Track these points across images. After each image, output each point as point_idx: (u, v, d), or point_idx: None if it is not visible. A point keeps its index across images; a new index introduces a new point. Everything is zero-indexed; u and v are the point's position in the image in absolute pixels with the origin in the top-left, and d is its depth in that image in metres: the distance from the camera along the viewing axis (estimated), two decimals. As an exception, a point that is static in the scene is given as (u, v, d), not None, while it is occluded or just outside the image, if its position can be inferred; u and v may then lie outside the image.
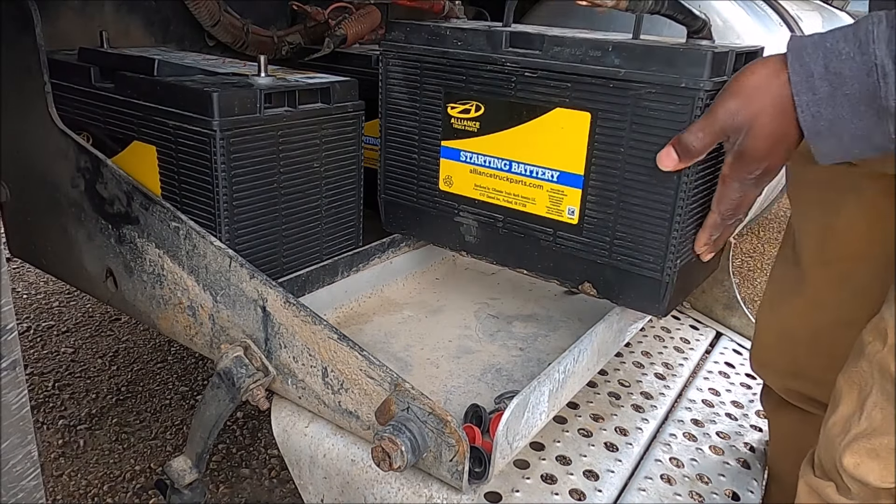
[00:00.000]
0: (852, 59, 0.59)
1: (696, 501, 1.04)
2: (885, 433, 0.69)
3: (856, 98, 0.60)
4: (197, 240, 0.82)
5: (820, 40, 0.62)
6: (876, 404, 0.70)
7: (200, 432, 0.83)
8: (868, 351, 0.73)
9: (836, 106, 0.61)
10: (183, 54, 1.06)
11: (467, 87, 0.92)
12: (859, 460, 0.70)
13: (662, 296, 0.85)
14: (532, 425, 0.72)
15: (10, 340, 0.54)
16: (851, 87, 0.60)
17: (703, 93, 0.75)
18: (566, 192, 0.88)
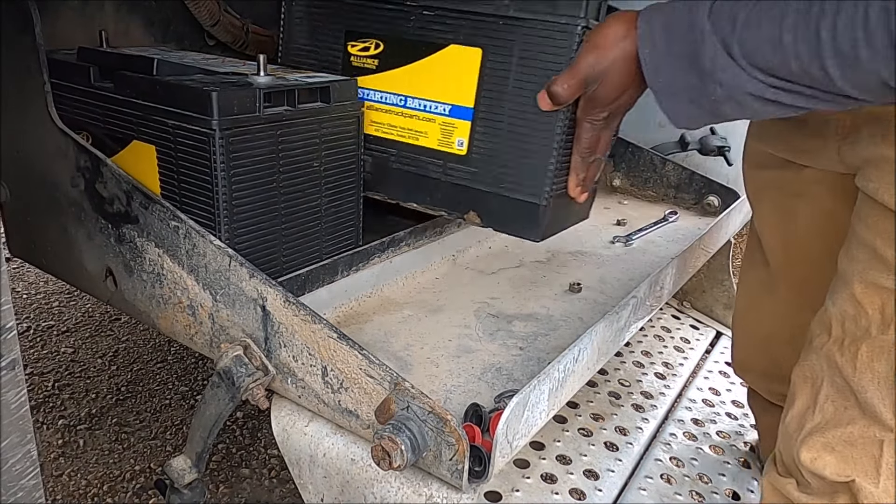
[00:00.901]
0: (682, 20, 0.65)
1: (696, 501, 1.04)
2: (837, 425, 0.69)
3: (683, 56, 0.65)
4: (196, 239, 0.82)
5: (665, 5, 0.68)
6: (828, 397, 0.70)
7: (200, 432, 0.83)
8: (815, 344, 0.74)
9: (671, 62, 0.67)
10: (182, 54, 1.06)
11: (368, 25, 0.97)
12: (815, 454, 0.70)
13: (541, 221, 0.92)
14: (532, 424, 0.72)
15: (10, 340, 0.54)
16: (680, 45, 0.65)
17: (580, 28, 0.82)
18: (456, 125, 0.94)
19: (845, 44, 0.54)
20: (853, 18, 0.53)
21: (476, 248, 1.28)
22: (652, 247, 1.37)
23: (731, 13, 0.62)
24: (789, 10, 0.58)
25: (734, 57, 0.62)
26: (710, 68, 0.64)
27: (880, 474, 0.66)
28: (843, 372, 0.68)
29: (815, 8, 0.56)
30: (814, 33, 0.56)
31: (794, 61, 0.58)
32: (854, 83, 0.57)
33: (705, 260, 1.31)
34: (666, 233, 1.44)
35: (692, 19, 0.64)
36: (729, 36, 0.62)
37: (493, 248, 1.30)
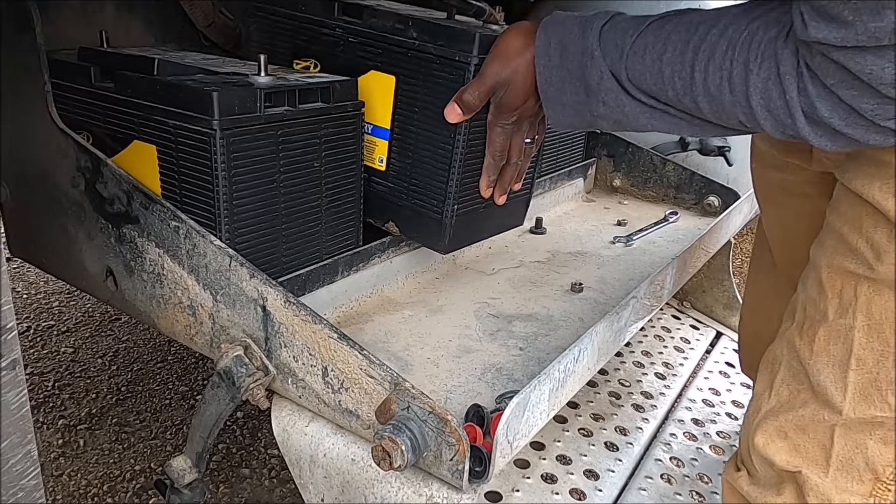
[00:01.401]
0: (575, 40, 0.72)
1: (696, 501, 1.04)
2: (791, 409, 0.69)
3: (573, 72, 0.73)
4: (197, 239, 0.82)
5: (564, 18, 0.75)
6: (783, 381, 0.71)
7: (200, 432, 0.83)
8: (782, 329, 0.74)
9: (562, 76, 0.74)
10: (183, 54, 1.06)
11: (308, 47, 1.05)
12: (768, 439, 0.70)
13: (444, 235, 1.00)
14: (532, 425, 0.72)
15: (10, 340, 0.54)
16: (571, 62, 0.73)
17: (472, 66, 0.89)
18: (377, 143, 1.03)
19: (713, 85, 0.64)
20: (721, 67, 0.62)
21: (476, 248, 1.28)
22: (652, 247, 1.37)
23: (618, 41, 0.70)
24: (668, 46, 0.66)
25: (620, 81, 0.70)
26: (596, 88, 0.72)
27: (830, 465, 0.66)
28: (800, 355, 0.68)
29: (690, 49, 0.65)
30: (688, 72, 0.65)
31: (671, 91, 0.67)
32: (718, 118, 0.66)
33: (705, 260, 1.31)
34: (666, 233, 1.44)
35: (584, 43, 0.72)
36: (616, 63, 0.70)
37: (493, 249, 1.30)
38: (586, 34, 0.72)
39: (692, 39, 0.65)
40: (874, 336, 0.63)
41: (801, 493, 0.67)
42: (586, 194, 1.65)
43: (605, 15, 0.73)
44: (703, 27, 0.65)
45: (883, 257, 0.61)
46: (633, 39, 0.69)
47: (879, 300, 0.62)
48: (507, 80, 0.84)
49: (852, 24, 0.52)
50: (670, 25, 0.67)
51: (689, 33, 0.65)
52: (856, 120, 0.57)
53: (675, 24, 0.67)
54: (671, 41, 0.66)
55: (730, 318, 1.58)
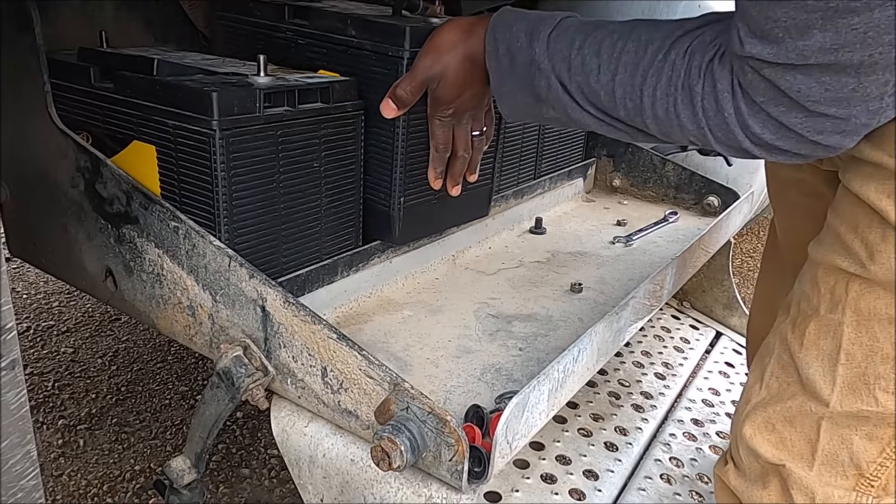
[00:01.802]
0: (522, 50, 0.74)
1: (696, 501, 1.04)
2: (779, 401, 0.69)
3: (522, 80, 0.74)
4: (196, 239, 0.82)
5: (511, 22, 0.76)
6: (773, 373, 0.71)
7: (200, 432, 0.83)
8: (776, 323, 0.75)
9: (513, 81, 0.76)
10: (183, 54, 1.06)
11: (267, 48, 1.05)
12: (756, 430, 0.70)
13: (394, 227, 1.03)
14: (532, 425, 0.72)
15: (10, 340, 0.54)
16: (519, 70, 0.74)
17: (405, 59, 0.92)
18: None
19: (661, 110, 0.66)
20: (667, 93, 0.65)
21: (476, 248, 1.28)
22: (652, 247, 1.37)
23: (566, 55, 0.71)
24: (619, 66, 0.68)
25: (570, 94, 0.72)
26: (545, 96, 0.74)
27: (815, 459, 0.66)
28: (791, 348, 0.69)
29: (639, 73, 0.66)
30: (638, 95, 0.67)
31: (623, 111, 0.69)
32: (668, 136, 0.68)
33: (705, 260, 1.31)
34: (666, 233, 1.44)
35: (531, 53, 0.73)
36: (565, 76, 0.71)
37: (493, 249, 1.30)
38: (533, 44, 0.73)
39: (641, 63, 0.66)
40: (863, 331, 0.63)
41: (785, 487, 0.68)
42: (586, 194, 1.65)
43: (553, 19, 0.74)
44: (651, 49, 0.66)
45: (875, 257, 0.62)
46: (580, 54, 0.70)
47: (869, 297, 0.63)
48: (439, 75, 0.85)
49: (783, 41, 0.55)
50: (621, 44, 0.68)
51: (638, 55, 0.67)
52: (786, 133, 0.59)
53: (626, 42, 0.68)
54: (622, 62, 0.68)
55: (730, 319, 1.58)
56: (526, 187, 1.41)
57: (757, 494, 0.70)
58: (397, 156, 0.98)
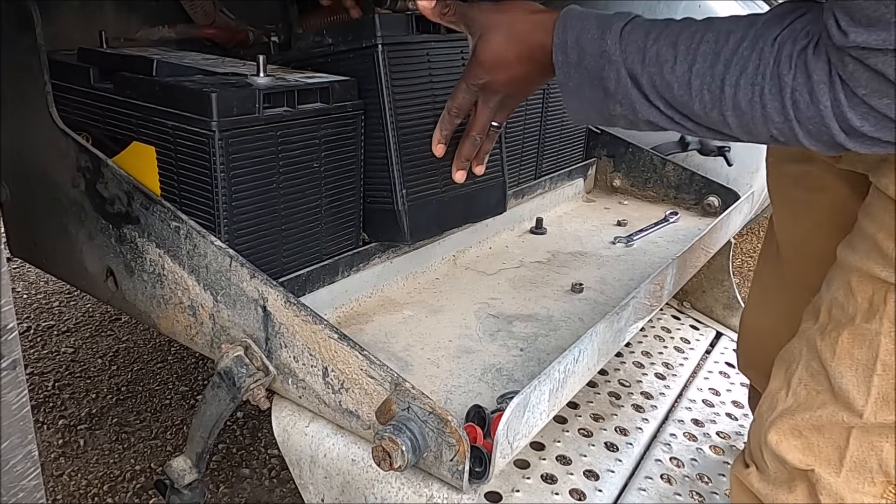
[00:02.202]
0: (594, 41, 0.70)
1: (696, 501, 1.04)
2: (808, 409, 0.69)
3: (591, 72, 0.71)
4: (197, 239, 0.82)
5: (583, 16, 0.73)
6: (801, 380, 0.71)
7: (200, 432, 0.83)
8: (802, 328, 0.74)
9: (581, 74, 0.72)
10: (182, 54, 1.06)
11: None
12: (782, 437, 0.70)
13: (401, 225, 1.01)
14: (532, 425, 0.72)
15: (10, 340, 0.54)
16: (589, 63, 0.71)
17: (380, 48, 0.95)
18: None
19: (744, 101, 0.61)
20: (753, 82, 0.61)
21: (476, 248, 1.28)
22: (652, 247, 1.37)
23: (640, 46, 0.68)
24: (698, 57, 0.64)
25: (641, 87, 0.68)
26: (614, 90, 0.70)
27: (843, 465, 0.66)
28: (822, 356, 0.68)
29: (721, 62, 0.63)
30: (718, 85, 0.63)
31: (699, 104, 0.65)
32: (747, 132, 0.64)
33: (705, 260, 1.31)
34: (666, 233, 1.44)
35: (602, 45, 0.70)
36: (638, 68, 0.68)
37: (493, 249, 1.30)
38: (605, 35, 0.70)
39: (723, 52, 0.63)
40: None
41: (813, 492, 0.68)
42: (586, 194, 1.65)
43: (626, 16, 0.71)
44: (734, 38, 0.63)
45: None
46: (656, 45, 0.67)
47: None
48: (485, 27, 0.81)
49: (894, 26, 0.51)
50: (699, 34, 0.65)
51: (718, 45, 0.63)
52: (887, 125, 0.56)
53: (704, 33, 0.65)
54: (701, 52, 0.64)
55: (730, 319, 1.58)
56: (526, 187, 1.41)
57: (783, 497, 0.70)
58: (392, 148, 0.97)
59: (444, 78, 1.04)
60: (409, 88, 0.99)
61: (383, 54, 0.95)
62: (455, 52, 1.05)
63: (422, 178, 1.02)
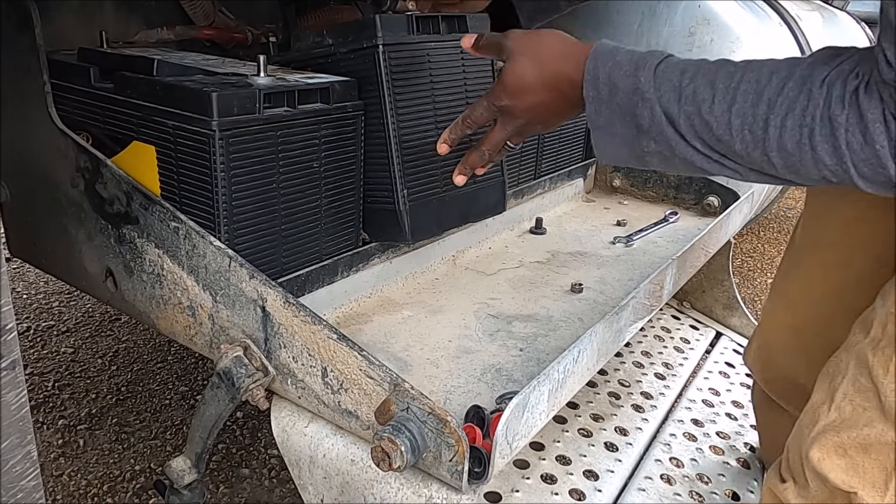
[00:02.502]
0: (626, 77, 0.70)
1: (696, 501, 1.04)
2: (853, 426, 0.67)
3: (623, 109, 0.70)
4: (196, 240, 0.82)
5: (614, 51, 0.72)
6: (846, 395, 0.69)
7: (200, 432, 0.83)
8: (850, 342, 0.72)
9: (612, 110, 0.71)
10: (183, 54, 1.06)
11: None
12: (825, 455, 0.69)
13: (403, 224, 1.01)
14: (532, 425, 0.72)
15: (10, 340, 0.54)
16: (621, 99, 0.70)
17: (381, 48, 0.96)
18: None
19: (791, 142, 0.60)
20: (801, 123, 0.59)
21: (476, 248, 1.28)
22: (652, 247, 1.37)
23: (675, 84, 0.67)
24: (738, 95, 0.63)
25: (677, 126, 0.67)
26: (647, 127, 0.69)
27: (888, 488, 0.65)
28: (873, 372, 0.66)
29: (764, 102, 0.61)
30: (761, 125, 0.61)
31: (739, 143, 0.63)
32: (794, 172, 0.62)
33: (705, 260, 1.31)
34: (666, 233, 1.44)
35: (636, 82, 0.69)
36: (674, 107, 0.67)
37: (492, 249, 1.30)
38: (639, 72, 0.69)
39: (765, 91, 0.62)
40: None
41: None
42: (586, 194, 1.65)
43: (659, 54, 0.70)
44: (777, 78, 0.62)
45: None
46: (693, 84, 0.66)
47: None
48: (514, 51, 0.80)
49: None
50: (739, 74, 0.64)
51: (760, 84, 0.62)
52: None
53: (743, 73, 0.64)
54: (741, 92, 0.63)
55: (730, 319, 1.58)
56: (526, 187, 1.41)
57: None
58: (393, 147, 0.98)
59: (445, 78, 1.05)
60: (409, 89, 0.99)
61: (384, 55, 0.96)
62: (455, 53, 1.06)
63: (422, 178, 1.03)
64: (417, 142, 1.01)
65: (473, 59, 1.08)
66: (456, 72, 1.06)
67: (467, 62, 1.07)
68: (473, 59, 1.07)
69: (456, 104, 1.06)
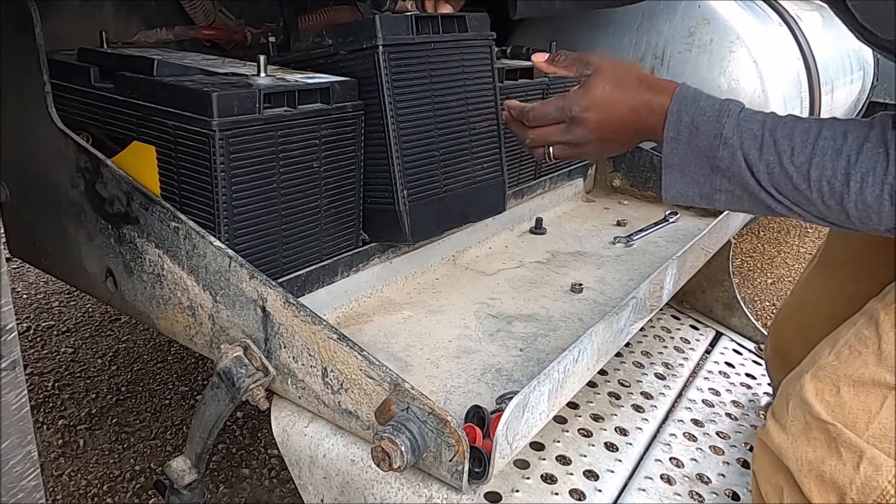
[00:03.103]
0: (709, 122, 0.75)
1: (696, 501, 1.04)
2: (849, 366, 0.72)
3: (702, 150, 0.76)
4: (197, 240, 0.82)
5: (697, 97, 0.77)
6: (847, 342, 0.74)
7: (200, 432, 0.83)
8: (864, 309, 0.78)
9: (690, 151, 0.77)
10: (183, 54, 1.06)
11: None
12: (817, 387, 0.74)
13: (403, 225, 1.01)
14: (532, 425, 0.72)
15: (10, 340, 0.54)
16: (701, 141, 0.75)
17: (381, 48, 0.95)
18: None
19: (871, 196, 0.67)
20: (882, 181, 0.66)
21: (476, 248, 1.28)
22: (652, 247, 1.37)
23: (757, 134, 0.72)
24: (817, 150, 0.69)
25: (755, 172, 0.72)
26: (725, 168, 0.74)
27: (868, 429, 0.69)
28: (880, 326, 0.72)
29: (843, 157, 0.68)
30: (841, 179, 0.68)
31: (816, 193, 0.69)
32: (864, 223, 0.69)
33: (705, 260, 1.31)
34: (666, 233, 1.44)
35: (718, 129, 0.74)
36: (754, 154, 0.72)
37: (492, 249, 1.30)
38: (722, 118, 0.74)
39: (844, 148, 0.68)
40: None
41: (834, 445, 0.70)
42: (586, 194, 1.65)
43: (737, 102, 0.75)
44: (852, 137, 0.68)
45: None
46: (773, 136, 0.71)
47: None
48: (595, 68, 0.82)
49: None
50: (815, 130, 0.70)
51: (837, 142, 0.68)
52: None
53: (819, 129, 0.70)
54: (819, 146, 0.69)
55: (730, 319, 1.58)
56: (526, 187, 1.41)
57: (802, 450, 0.73)
58: (394, 149, 0.98)
59: (445, 78, 1.05)
60: (409, 89, 0.99)
61: (384, 55, 0.96)
62: (455, 53, 1.06)
63: (422, 179, 1.03)
64: (417, 142, 1.01)
65: (473, 59, 1.08)
66: (456, 72, 1.06)
67: (467, 62, 1.07)
68: (473, 59, 1.07)
69: (456, 104, 1.06)
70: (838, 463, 0.70)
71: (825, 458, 0.71)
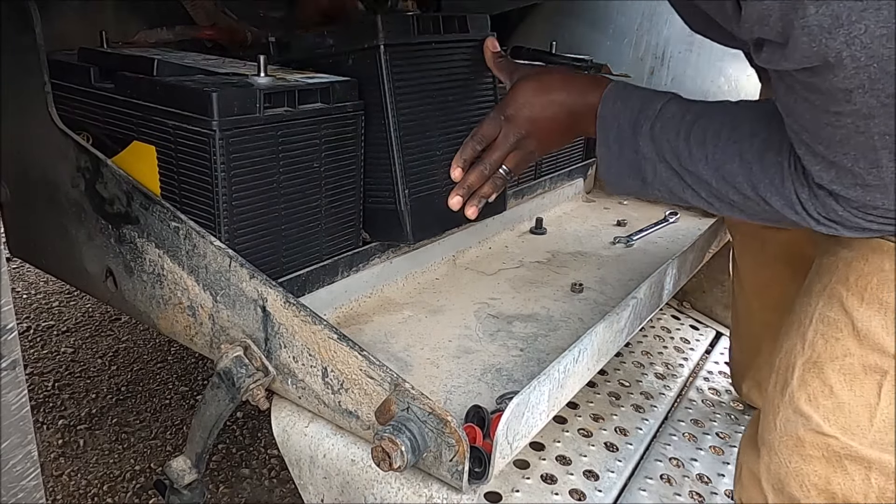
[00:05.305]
0: (628, 139, 0.77)
1: (696, 501, 1.04)
2: (833, 359, 0.68)
3: (629, 165, 0.78)
4: (197, 240, 0.82)
5: (617, 112, 0.78)
6: (817, 332, 0.70)
7: (200, 432, 0.83)
8: (814, 290, 0.74)
9: (621, 164, 0.79)
10: (183, 54, 1.06)
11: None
12: (813, 390, 0.69)
13: (404, 224, 1.02)
14: (532, 425, 0.72)
15: (10, 340, 0.54)
16: (627, 156, 0.78)
17: (382, 48, 0.96)
18: None
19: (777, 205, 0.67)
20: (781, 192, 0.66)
21: (476, 248, 1.28)
22: (652, 247, 1.37)
23: (672, 145, 0.73)
24: (726, 157, 0.69)
25: (682, 177, 0.73)
26: (652, 181, 0.77)
27: (872, 424, 0.65)
28: (847, 304, 0.68)
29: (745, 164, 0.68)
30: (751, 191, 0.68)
31: (736, 195, 0.70)
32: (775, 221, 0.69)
33: (705, 260, 1.31)
34: (666, 233, 1.44)
35: (636, 144, 0.76)
36: (675, 164, 0.73)
37: (493, 249, 1.30)
38: (636, 135, 0.75)
39: (746, 155, 0.68)
40: None
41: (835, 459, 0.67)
42: (586, 194, 1.65)
43: (653, 110, 0.75)
44: (759, 141, 0.67)
45: None
46: (689, 144, 0.72)
47: None
48: (525, 76, 0.86)
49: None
50: (726, 131, 0.69)
51: (743, 145, 0.68)
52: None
53: (732, 128, 0.69)
54: (729, 153, 0.69)
55: (730, 319, 1.58)
56: (526, 187, 1.41)
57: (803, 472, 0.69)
58: (394, 148, 0.98)
59: (445, 78, 1.05)
60: (410, 89, 0.99)
61: (385, 55, 0.96)
62: (456, 53, 1.06)
63: (423, 178, 1.03)
64: (418, 142, 1.01)
65: (474, 60, 1.08)
66: (457, 72, 1.06)
67: (468, 62, 1.07)
68: (474, 59, 1.07)
69: (456, 104, 1.06)
70: (846, 479, 0.66)
71: (830, 476, 0.67)
